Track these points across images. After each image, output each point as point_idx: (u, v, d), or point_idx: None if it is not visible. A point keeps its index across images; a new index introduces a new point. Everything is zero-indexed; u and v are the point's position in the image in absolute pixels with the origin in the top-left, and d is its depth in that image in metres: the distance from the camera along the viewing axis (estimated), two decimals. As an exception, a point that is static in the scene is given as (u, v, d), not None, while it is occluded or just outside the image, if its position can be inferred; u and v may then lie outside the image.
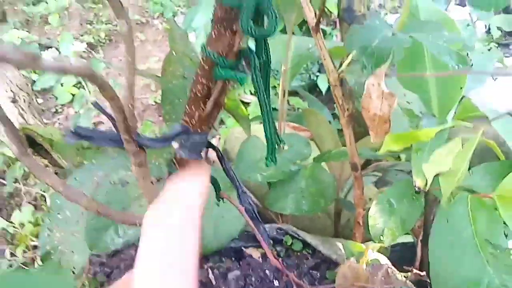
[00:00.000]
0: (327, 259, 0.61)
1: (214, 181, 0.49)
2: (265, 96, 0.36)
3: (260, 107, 0.37)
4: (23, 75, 0.73)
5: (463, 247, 0.43)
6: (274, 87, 1.91)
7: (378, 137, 0.41)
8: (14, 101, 0.70)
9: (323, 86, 1.83)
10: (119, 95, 0.33)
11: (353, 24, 1.74)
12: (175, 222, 0.18)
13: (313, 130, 0.92)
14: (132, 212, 0.57)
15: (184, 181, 0.21)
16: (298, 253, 0.64)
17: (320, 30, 0.67)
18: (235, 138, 1.35)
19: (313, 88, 1.91)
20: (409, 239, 1.00)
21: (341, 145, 0.97)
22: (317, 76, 1.88)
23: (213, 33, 0.35)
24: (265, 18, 0.33)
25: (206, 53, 0.36)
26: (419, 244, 0.83)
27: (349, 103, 0.65)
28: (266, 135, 0.39)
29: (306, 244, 0.66)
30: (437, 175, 0.49)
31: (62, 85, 1.66)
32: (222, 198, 0.50)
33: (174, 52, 0.64)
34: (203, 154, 0.44)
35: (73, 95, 1.64)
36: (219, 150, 0.52)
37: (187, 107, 0.41)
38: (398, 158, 1.09)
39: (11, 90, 0.71)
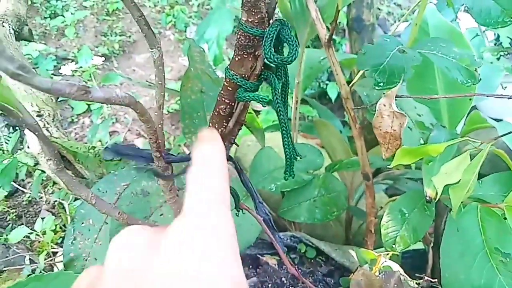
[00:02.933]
0: (340, 266, 0.63)
1: (234, 193, 0.51)
2: (284, 115, 0.39)
3: (280, 125, 0.39)
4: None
5: (474, 255, 0.45)
6: (284, 95, 1.94)
7: (389, 153, 0.43)
8: (39, 115, 0.74)
9: (332, 94, 1.86)
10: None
11: (362, 33, 1.76)
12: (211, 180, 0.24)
13: (325, 140, 0.94)
14: (156, 223, 0.59)
15: (204, 150, 0.27)
16: (312, 260, 0.66)
17: (332, 46, 0.70)
18: (247, 146, 1.38)
19: (323, 95, 1.93)
20: (420, 246, 1.01)
21: (352, 154, 0.99)
22: (326, 84, 1.90)
23: (235, 57, 0.38)
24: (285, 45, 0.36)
25: (229, 76, 0.39)
26: (430, 251, 0.84)
27: (359, 112, 0.67)
28: (285, 152, 0.41)
29: (319, 252, 0.68)
30: (447, 185, 0.51)
31: (77, 95, 1.70)
32: (242, 209, 0.53)
33: (192, 69, 0.67)
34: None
35: (88, 105, 1.69)
36: (238, 163, 0.55)
37: (210, 124, 0.43)
38: (408, 166, 1.11)
39: (36, 105, 0.74)
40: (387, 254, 0.60)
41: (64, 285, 0.40)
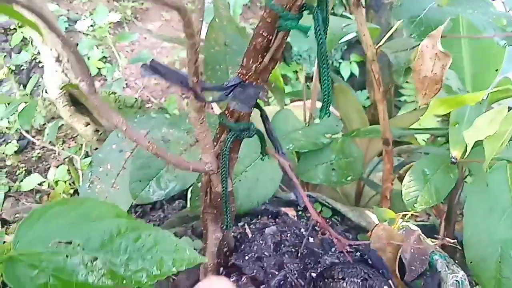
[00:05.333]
0: (356, 226, 0.63)
1: (261, 137, 0.51)
2: (325, 48, 0.38)
3: (320, 59, 0.38)
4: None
5: (502, 211, 0.45)
6: (296, 71, 1.92)
7: (426, 99, 0.43)
8: (58, 60, 0.73)
9: (345, 73, 1.84)
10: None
11: (379, 12, 1.73)
12: None
13: (342, 108, 0.93)
14: (175, 169, 0.59)
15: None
16: (328, 220, 0.66)
17: (361, 5, 0.68)
18: (259, 118, 1.37)
19: (335, 74, 1.92)
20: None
21: (368, 126, 0.98)
22: (339, 63, 1.88)
23: (278, -14, 0.36)
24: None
25: (270, 5, 0.37)
26: (443, 223, 0.84)
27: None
28: (323, 87, 0.41)
29: (335, 212, 0.67)
30: (473, 147, 0.51)
31: (88, 58, 1.69)
32: (267, 154, 0.52)
33: (217, 19, 0.66)
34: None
35: (99, 69, 1.67)
36: (263, 110, 0.54)
37: (244, 59, 0.42)
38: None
39: (55, 50, 0.73)
40: (406, 215, 0.60)
41: (89, 211, 0.40)
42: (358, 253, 0.49)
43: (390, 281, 0.43)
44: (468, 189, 0.52)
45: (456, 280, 0.46)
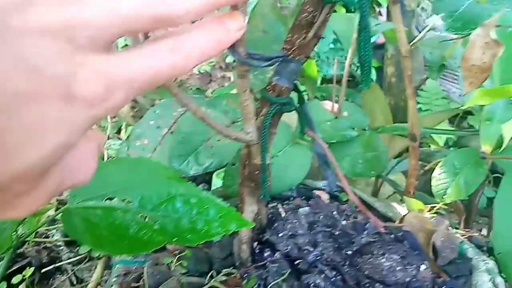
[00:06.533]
0: (382, 216, 0.64)
1: (299, 112, 0.52)
2: (367, 21, 0.39)
3: (363, 30, 0.40)
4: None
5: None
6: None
7: (472, 87, 0.44)
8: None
9: (362, 77, 1.86)
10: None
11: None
12: None
13: (367, 105, 0.95)
14: (212, 147, 0.61)
15: None
16: (355, 209, 0.67)
17: (398, 2, 0.70)
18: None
19: (350, 77, 1.93)
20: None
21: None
22: (357, 67, 1.90)
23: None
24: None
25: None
26: (462, 224, 0.85)
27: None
28: (361, 57, 0.42)
29: (361, 202, 0.69)
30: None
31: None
32: (304, 133, 0.54)
33: (259, 6, 0.68)
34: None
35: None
36: (301, 93, 0.56)
37: (289, 35, 0.44)
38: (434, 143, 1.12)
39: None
40: (434, 207, 0.61)
41: (144, 171, 0.41)
42: (392, 235, 0.50)
43: (425, 262, 0.45)
44: (502, 184, 0.53)
45: (488, 268, 0.47)
